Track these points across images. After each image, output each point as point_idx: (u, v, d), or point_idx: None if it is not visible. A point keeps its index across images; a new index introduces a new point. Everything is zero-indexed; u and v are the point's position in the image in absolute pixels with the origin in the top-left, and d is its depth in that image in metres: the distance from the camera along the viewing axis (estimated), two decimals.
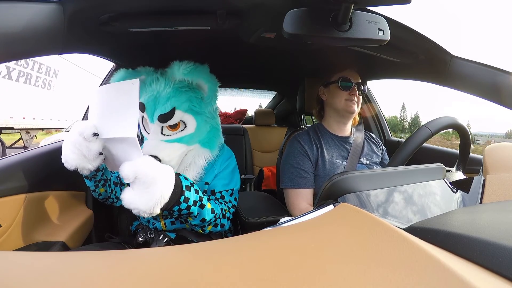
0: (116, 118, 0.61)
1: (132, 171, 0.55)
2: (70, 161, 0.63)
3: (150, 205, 0.54)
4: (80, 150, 0.63)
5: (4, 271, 0.23)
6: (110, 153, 0.67)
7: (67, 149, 0.64)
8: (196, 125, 0.77)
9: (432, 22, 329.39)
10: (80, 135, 0.62)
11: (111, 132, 0.61)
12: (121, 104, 0.59)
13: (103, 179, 0.77)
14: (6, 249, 0.66)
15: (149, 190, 0.55)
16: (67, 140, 0.64)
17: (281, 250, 0.27)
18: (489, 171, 0.52)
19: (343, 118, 0.98)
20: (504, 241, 0.22)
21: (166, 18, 0.68)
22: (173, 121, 0.73)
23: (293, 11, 0.49)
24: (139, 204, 0.54)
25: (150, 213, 0.55)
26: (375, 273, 0.21)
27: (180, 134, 0.75)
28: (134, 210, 0.55)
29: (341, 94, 0.95)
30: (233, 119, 2.86)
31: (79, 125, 0.63)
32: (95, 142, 0.63)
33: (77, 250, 0.78)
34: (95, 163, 0.66)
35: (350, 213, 0.34)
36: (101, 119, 0.64)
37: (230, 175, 0.84)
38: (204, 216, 0.68)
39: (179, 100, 0.73)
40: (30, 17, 0.52)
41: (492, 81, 0.74)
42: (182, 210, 0.63)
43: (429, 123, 0.61)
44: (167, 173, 0.59)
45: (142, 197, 0.54)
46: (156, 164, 0.58)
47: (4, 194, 0.67)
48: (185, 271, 0.23)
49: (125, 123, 0.58)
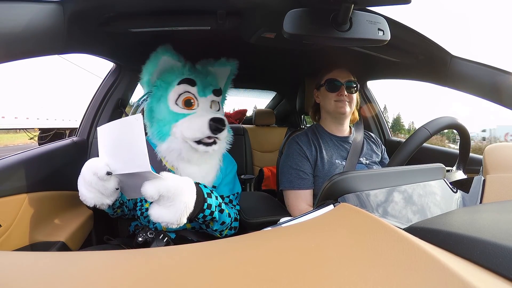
0: (126, 154, 0.61)
1: (155, 191, 0.57)
2: (88, 200, 0.64)
3: (177, 217, 0.57)
4: (97, 189, 0.64)
5: (4, 271, 0.23)
6: (126, 184, 0.68)
7: (83, 189, 0.64)
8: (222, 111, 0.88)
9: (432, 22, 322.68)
10: (94, 175, 0.62)
11: (124, 168, 0.62)
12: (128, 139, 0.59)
13: (119, 203, 0.79)
14: (6, 249, 0.66)
15: (174, 203, 0.58)
16: (82, 180, 0.64)
17: (281, 250, 0.27)
18: (489, 171, 0.52)
19: (337, 119, 0.98)
20: (504, 241, 0.22)
21: (166, 18, 0.68)
22: (220, 98, 0.85)
23: (293, 11, 0.49)
24: (166, 217, 0.57)
25: (178, 223, 0.58)
26: (375, 273, 0.21)
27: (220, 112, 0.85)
28: (162, 223, 0.58)
29: (330, 96, 0.95)
30: (233, 119, 2.86)
31: (91, 165, 0.63)
32: (110, 179, 0.63)
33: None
34: (112, 197, 0.67)
35: (350, 213, 0.34)
36: (111, 156, 0.64)
37: (233, 180, 0.88)
38: (224, 220, 0.72)
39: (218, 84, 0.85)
40: (30, 17, 0.52)
41: (492, 81, 0.74)
42: (207, 216, 0.67)
43: (428, 124, 0.60)
44: (188, 184, 0.62)
45: (169, 211, 0.58)
46: (175, 178, 0.61)
47: (4, 194, 0.67)
48: (185, 271, 0.23)
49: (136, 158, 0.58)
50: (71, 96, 7.39)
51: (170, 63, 0.80)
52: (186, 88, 0.78)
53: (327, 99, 0.96)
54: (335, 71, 0.97)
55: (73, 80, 7.41)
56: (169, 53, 0.79)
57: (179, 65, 0.81)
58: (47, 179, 0.81)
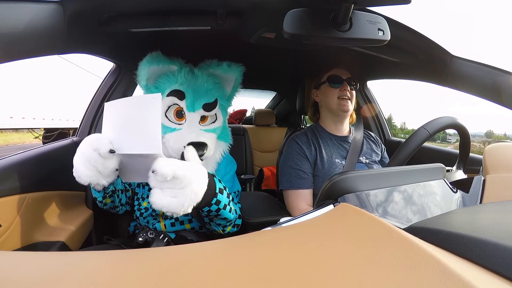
0: (136, 133, 0.57)
1: (171, 170, 0.51)
2: (83, 177, 0.59)
3: (185, 206, 0.52)
4: (95, 167, 0.59)
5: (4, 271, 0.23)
6: (126, 166, 0.64)
7: (80, 165, 0.59)
8: (223, 119, 0.83)
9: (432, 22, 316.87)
10: (95, 151, 0.57)
11: (132, 148, 0.58)
12: (141, 118, 0.55)
13: (111, 190, 0.75)
14: (6, 249, 0.66)
15: (184, 191, 0.53)
16: (80, 155, 0.59)
17: (281, 250, 0.27)
18: (489, 171, 0.52)
19: (339, 117, 0.98)
20: (504, 241, 0.22)
21: (166, 18, 0.68)
22: (214, 112, 0.77)
23: (293, 11, 0.49)
24: (172, 205, 0.52)
25: (183, 212, 0.53)
26: (375, 273, 0.21)
27: (212, 126, 0.79)
28: (166, 212, 0.53)
29: (332, 92, 0.96)
30: (233, 119, 2.86)
31: (93, 140, 0.58)
32: (112, 158, 0.59)
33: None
34: (110, 178, 0.62)
35: (350, 213, 0.34)
36: (117, 134, 0.60)
37: (232, 178, 0.87)
38: (229, 216, 0.69)
39: (217, 94, 0.78)
40: (30, 17, 0.52)
41: (492, 81, 0.74)
42: (212, 211, 0.63)
43: (427, 124, 0.60)
44: (202, 174, 0.57)
45: (176, 198, 0.52)
46: (191, 164, 0.57)
47: (4, 194, 0.67)
48: (185, 271, 0.23)
49: (147, 139, 0.54)
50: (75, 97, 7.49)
51: (161, 70, 0.76)
52: (174, 101, 0.74)
53: (329, 96, 0.96)
54: (335, 69, 0.98)
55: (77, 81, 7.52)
56: (157, 61, 0.74)
57: (174, 70, 0.76)
58: (47, 179, 0.81)
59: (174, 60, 0.77)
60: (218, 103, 0.78)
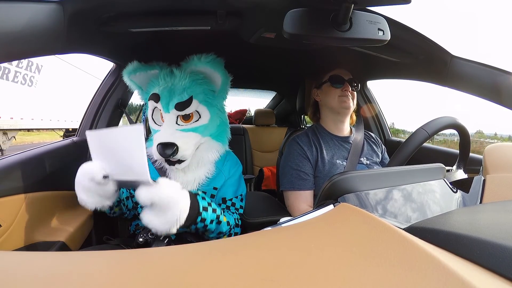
0: (124, 162, 0.59)
1: (148, 198, 0.56)
2: (89, 204, 0.63)
3: (167, 227, 0.57)
4: (96, 193, 0.63)
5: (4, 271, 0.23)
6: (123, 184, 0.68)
7: (82, 194, 0.63)
8: (210, 116, 0.78)
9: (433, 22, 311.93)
10: (91, 181, 0.61)
11: (122, 175, 0.61)
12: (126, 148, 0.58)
13: (117, 201, 0.78)
14: (6, 249, 0.66)
15: (165, 214, 0.57)
16: (80, 186, 0.63)
17: (281, 250, 0.27)
18: (489, 171, 0.52)
19: (340, 116, 0.98)
20: (504, 241, 0.22)
21: (166, 18, 0.68)
22: (190, 110, 0.74)
23: (293, 11, 0.49)
24: (156, 225, 0.57)
25: (167, 232, 0.57)
26: (375, 273, 0.21)
27: (194, 124, 0.76)
28: (152, 229, 0.57)
29: (334, 92, 0.96)
30: (233, 119, 2.86)
31: (87, 171, 0.62)
32: (109, 182, 0.63)
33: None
34: (113, 198, 0.66)
35: (350, 213, 0.34)
36: (107, 162, 0.62)
37: (238, 181, 0.86)
38: (221, 230, 0.71)
39: (195, 91, 0.75)
40: (30, 17, 0.52)
41: (492, 81, 0.74)
42: (199, 228, 0.67)
43: (426, 125, 0.60)
44: (182, 197, 0.60)
45: (159, 219, 0.57)
46: (171, 188, 0.59)
47: (4, 194, 0.67)
48: (185, 271, 0.23)
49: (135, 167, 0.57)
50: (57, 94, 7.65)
51: (145, 76, 0.78)
52: (154, 104, 0.76)
53: (330, 95, 0.97)
54: (337, 69, 0.98)
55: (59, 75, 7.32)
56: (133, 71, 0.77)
57: (155, 74, 0.77)
58: (47, 179, 0.81)
59: (154, 65, 0.78)
60: (194, 99, 0.74)
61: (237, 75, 0.89)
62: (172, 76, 0.76)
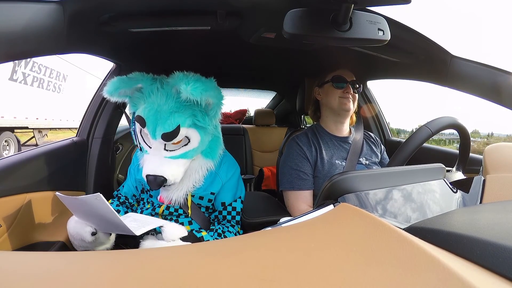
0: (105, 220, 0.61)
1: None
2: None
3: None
4: (93, 246, 0.68)
5: (4, 271, 0.23)
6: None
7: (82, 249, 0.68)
8: (200, 139, 0.73)
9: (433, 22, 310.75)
10: (83, 241, 0.66)
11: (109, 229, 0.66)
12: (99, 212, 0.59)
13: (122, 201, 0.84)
14: (6, 249, 0.66)
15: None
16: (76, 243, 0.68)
17: (281, 250, 0.27)
18: (489, 171, 0.52)
19: (340, 117, 0.98)
20: (504, 241, 0.22)
21: (166, 18, 0.68)
22: (178, 139, 0.70)
23: (293, 11, 0.49)
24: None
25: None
26: (375, 273, 0.21)
27: (184, 149, 0.72)
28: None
29: (335, 93, 0.96)
30: (233, 119, 2.86)
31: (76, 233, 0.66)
32: (98, 235, 0.67)
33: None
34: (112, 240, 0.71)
35: (350, 213, 0.34)
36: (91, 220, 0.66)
37: (236, 184, 0.86)
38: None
39: (183, 116, 0.68)
40: (30, 17, 0.52)
41: (492, 81, 0.74)
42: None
43: (430, 123, 0.61)
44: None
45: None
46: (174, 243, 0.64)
47: (4, 194, 0.67)
48: (185, 271, 0.23)
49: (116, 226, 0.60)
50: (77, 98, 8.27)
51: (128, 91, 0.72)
52: (140, 126, 0.72)
53: (331, 96, 0.96)
54: (340, 70, 0.98)
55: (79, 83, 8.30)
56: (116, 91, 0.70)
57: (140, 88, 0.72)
58: (47, 179, 0.81)
59: (137, 78, 0.72)
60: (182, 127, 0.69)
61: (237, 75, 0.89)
62: (158, 94, 0.69)
